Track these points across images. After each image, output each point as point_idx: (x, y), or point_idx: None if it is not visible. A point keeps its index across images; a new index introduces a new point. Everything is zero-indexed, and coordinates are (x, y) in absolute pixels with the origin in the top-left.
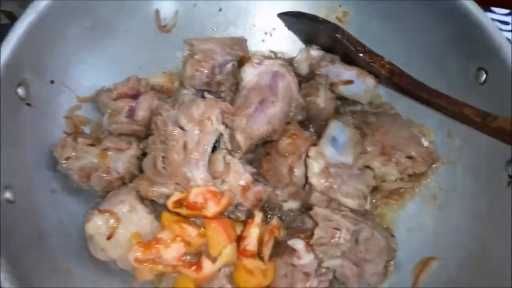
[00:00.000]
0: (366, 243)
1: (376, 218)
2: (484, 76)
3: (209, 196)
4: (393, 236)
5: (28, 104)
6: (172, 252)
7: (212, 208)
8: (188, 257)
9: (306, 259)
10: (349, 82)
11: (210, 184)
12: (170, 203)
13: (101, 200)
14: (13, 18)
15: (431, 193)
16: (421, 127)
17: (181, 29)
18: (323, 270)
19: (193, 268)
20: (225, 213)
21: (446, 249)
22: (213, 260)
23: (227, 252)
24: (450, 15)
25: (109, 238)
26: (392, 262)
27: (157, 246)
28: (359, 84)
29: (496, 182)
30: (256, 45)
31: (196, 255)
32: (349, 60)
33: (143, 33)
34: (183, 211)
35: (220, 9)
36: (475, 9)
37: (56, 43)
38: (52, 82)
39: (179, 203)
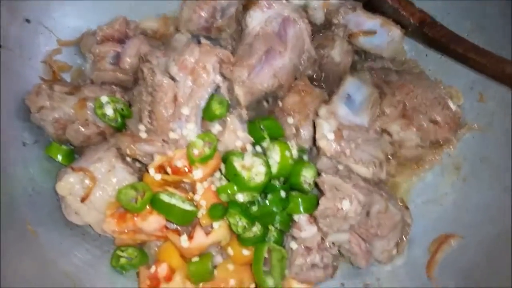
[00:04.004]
0: (379, 217)
1: (389, 187)
2: None
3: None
4: (407, 208)
5: None
6: (151, 224)
7: (198, 172)
8: (174, 225)
9: (308, 231)
10: (371, 32)
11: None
12: (152, 168)
13: (78, 156)
14: None
15: (454, 162)
16: (450, 88)
17: None
18: (327, 244)
19: (185, 236)
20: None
21: (468, 226)
22: (207, 232)
23: (221, 229)
24: None
25: (83, 200)
26: (405, 238)
27: (134, 218)
28: (382, 35)
29: None
30: None
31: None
32: (372, 7)
33: None
34: (169, 177)
35: None
36: None
37: None
38: (27, 21)
39: (163, 167)
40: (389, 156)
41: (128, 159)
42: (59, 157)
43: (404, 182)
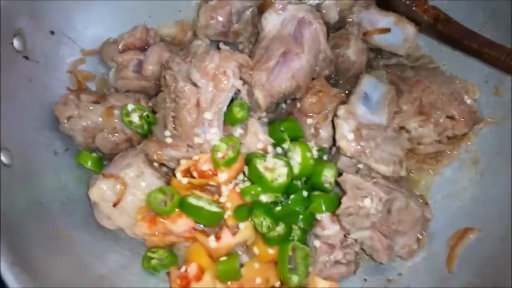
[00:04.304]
0: (400, 214)
1: (409, 184)
2: None
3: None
4: (427, 204)
5: (26, 57)
6: (180, 226)
7: (223, 175)
8: (201, 226)
9: (330, 230)
10: (386, 30)
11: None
12: (178, 173)
13: (108, 163)
14: None
15: (472, 157)
16: (465, 82)
17: None
18: (349, 241)
19: (212, 237)
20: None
21: (486, 220)
22: (233, 233)
23: (247, 229)
24: None
25: (115, 205)
26: (425, 234)
27: (164, 221)
28: (396, 33)
29: None
30: None
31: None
32: (386, 5)
33: None
34: (195, 180)
35: None
36: None
37: None
38: (52, 33)
39: (189, 171)
40: (407, 152)
41: (155, 164)
42: (89, 164)
43: (424, 179)
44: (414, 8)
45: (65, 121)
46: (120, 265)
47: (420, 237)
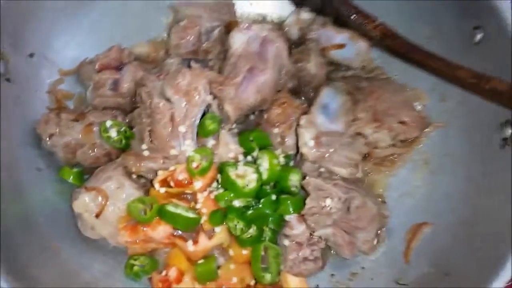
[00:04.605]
0: (358, 211)
1: (367, 185)
2: (480, 35)
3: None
4: (384, 202)
5: (8, 80)
6: (160, 233)
7: (198, 183)
8: (180, 232)
9: (298, 229)
10: (341, 46)
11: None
12: (156, 183)
13: (89, 176)
14: None
15: (423, 158)
16: (415, 90)
17: None
18: (315, 239)
19: (190, 241)
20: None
21: (438, 214)
22: (210, 236)
23: (222, 232)
24: None
25: (98, 215)
26: (384, 229)
27: (144, 229)
28: (350, 48)
29: (490, 145)
30: (243, 9)
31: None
32: (341, 22)
33: None
34: (172, 189)
35: None
36: None
37: (34, 13)
38: (31, 55)
39: (166, 181)
40: (365, 156)
41: (134, 176)
42: (71, 179)
43: (381, 179)
44: (364, 25)
45: (47, 138)
46: (104, 273)
47: (379, 233)
